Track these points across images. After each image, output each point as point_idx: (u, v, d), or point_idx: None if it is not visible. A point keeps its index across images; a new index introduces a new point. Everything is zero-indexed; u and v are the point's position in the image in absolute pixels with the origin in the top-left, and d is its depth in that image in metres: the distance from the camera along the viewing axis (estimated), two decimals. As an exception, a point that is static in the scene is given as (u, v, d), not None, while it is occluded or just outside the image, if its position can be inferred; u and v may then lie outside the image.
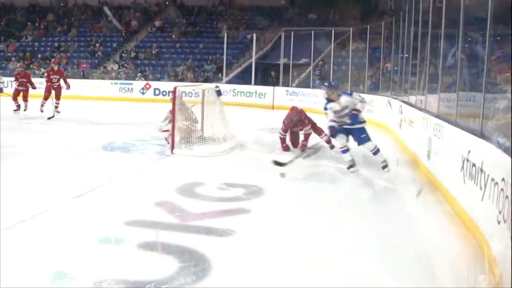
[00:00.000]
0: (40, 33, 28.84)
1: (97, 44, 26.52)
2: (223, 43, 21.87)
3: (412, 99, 10.27)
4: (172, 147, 8.67)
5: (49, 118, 13.06)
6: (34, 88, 14.61)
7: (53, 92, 13.94)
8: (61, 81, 14.12)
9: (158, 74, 23.33)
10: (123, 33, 27.33)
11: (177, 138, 8.76)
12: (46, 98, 13.96)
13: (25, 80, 14.64)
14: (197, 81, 21.00)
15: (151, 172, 7.50)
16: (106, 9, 27.20)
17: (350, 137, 7.68)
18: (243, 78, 21.43)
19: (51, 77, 14.07)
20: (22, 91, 14.55)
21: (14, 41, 28.22)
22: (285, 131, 9.46)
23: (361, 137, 7.59)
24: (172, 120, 8.83)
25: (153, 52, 25.15)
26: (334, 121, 7.71)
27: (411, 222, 5.43)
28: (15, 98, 14.62)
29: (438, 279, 3.94)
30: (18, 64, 15.69)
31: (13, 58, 26.06)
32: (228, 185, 6.54)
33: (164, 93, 19.47)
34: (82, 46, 27.00)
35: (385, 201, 6.31)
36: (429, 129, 7.23)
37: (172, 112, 8.85)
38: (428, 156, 7.16)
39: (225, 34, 22.05)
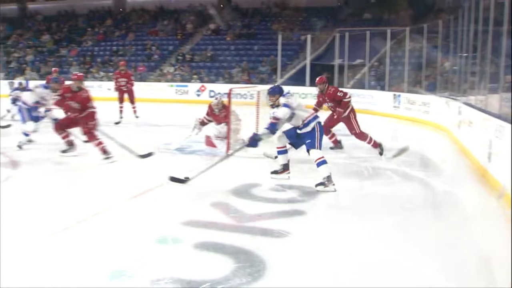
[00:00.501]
0: (100, 38, 29.69)
1: (154, 48, 27.05)
2: (277, 45, 21.86)
3: (472, 99, 9.97)
4: (227, 149, 8.73)
5: (116, 123, 13.14)
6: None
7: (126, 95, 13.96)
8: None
9: (213, 76, 23.57)
10: (179, 36, 27.76)
11: (232, 140, 8.84)
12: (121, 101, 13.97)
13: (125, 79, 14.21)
14: (251, 83, 21.09)
15: (206, 173, 7.57)
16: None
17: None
18: (297, 80, 21.34)
19: (119, 79, 14.12)
20: None
21: (75, 46, 29.17)
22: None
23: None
24: (228, 122, 8.90)
25: (208, 54, 25.43)
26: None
27: (471, 225, 5.28)
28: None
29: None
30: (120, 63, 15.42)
31: (74, 63, 26.96)
32: (283, 187, 6.55)
33: (219, 95, 19.62)
34: (139, 50, 27.61)
35: (444, 203, 6.17)
36: (490, 130, 7.00)
37: (228, 113, 8.93)
38: (489, 158, 6.94)
39: (280, 36, 22.04)
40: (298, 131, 6.74)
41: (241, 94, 13.24)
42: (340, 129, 9.68)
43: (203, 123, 9.64)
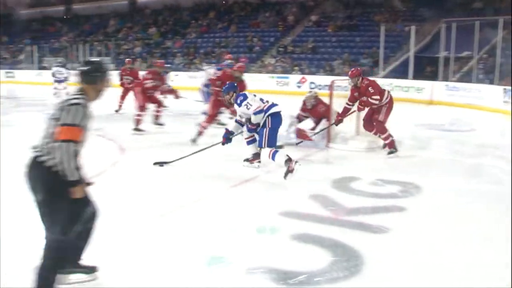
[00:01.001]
0: (203, 30, 30.50)
1: (255, 39, 27.37)
2: (379, 36, 21.35)
3: None
4: (328, 141, 8.70)
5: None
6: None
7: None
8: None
9: (314, 68, 23.48)
10: (280, 28, 27.90)
11: (333, 132, 8.79)
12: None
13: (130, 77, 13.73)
14: (352, 75, 20.78)
15: (306, 165, 7.58)
16: None
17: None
18: (400, 72, 20.78)
19: (124, 78, 13.81)
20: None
21: (180, 39, 30.17)
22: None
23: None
24: (328, 115, 8.86)
25: (309, 46, 25.35)
26: (239, 123, 7.18)
27: None
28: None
29: None
30: (127, 60, 15.04)
31: (178, 54, 27.91)
32: (383, 181, 6.42)
33: (319, 87, 19.52)
34: (241, 42, 28.05)
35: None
36: None
37: (330, 106, 8.87)
38: None
39: (382, 27, 21.50)
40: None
41: (342, 86, 13.04)
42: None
43: (299, 119, 9.49)
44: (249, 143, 7.32)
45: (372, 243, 4.39)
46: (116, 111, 13.74)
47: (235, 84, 7.37)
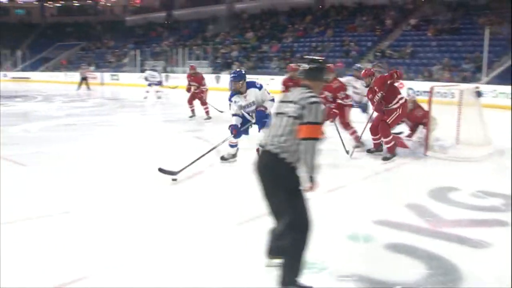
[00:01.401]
0: (299, 34, 30.62)
1: (352, 44, 27.09)
2: (483, 40, 20.41)
3: None
4: (426, 149, 8.45)
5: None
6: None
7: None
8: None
9: (412, 73, 22.85)
10: (378, 32, 27.45)
11: (432, 141, 8.54)
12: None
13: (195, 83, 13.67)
14: (453, 81, 20.02)
15: (403, 173, 7.41)
16: None
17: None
18: (505, 79, 19.74)
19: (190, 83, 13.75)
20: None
21: (276, 43, 30.46)
22: None
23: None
24: (427, 123, 8.61)
25: (408, 50, 24.73)
26: (237, 115, 7.54)
27: None
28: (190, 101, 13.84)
29: None
30: (191, 66, 14.77)
31: (274, 58, 28.18)
32: (485, 193, 6.14)
33: (418, 93, 18.97)
34: (338, 46, 27.86)
35: None
36: None
37: (429, 113, 8.62)
38: None
39: (486, 30, 20.52)
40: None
41: (441, 92, 12.65)
42: None
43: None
44: (232, 146, 7.87)
45: (471, 258, 4.22)
46: (190, 116, 13.63)
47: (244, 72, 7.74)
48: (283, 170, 3.39)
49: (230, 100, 7.61)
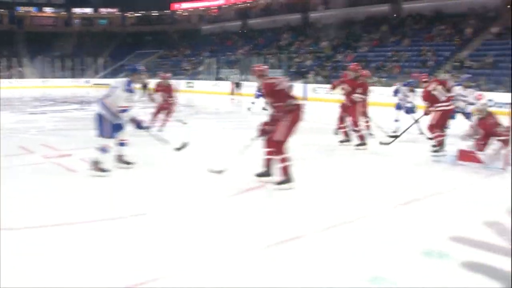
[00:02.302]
0: (375, 43, 30.24)
1: (429, 53, 26.44)
2: None
3: None
4: (505, 164, 8.11)
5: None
6: None
7: None
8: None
9: (492, 84, 21.99)
10: (457, 42, 26.67)
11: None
12: None
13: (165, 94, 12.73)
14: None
15: (482, 188, 7.12)
16: None
17: None
18: None
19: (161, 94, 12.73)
20: None
21: (351, 52, 30.20)
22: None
23: None
24: (498, 132, 8.27)
25: (489, 60, 23.84)
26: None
27: None
28: None
29: None
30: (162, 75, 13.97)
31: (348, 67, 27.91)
32: None
33: (499, 105, 18.22)
34: (414, 56, 27.27)
35: None
36: None
37: (510, 126, 8.27)
38: None
39: None
40: None
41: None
42: None
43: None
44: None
45: (553, 281, 4.00)
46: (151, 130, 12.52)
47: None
48: None
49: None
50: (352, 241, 4.78)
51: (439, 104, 9.55)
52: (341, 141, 10.49)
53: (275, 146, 6.55)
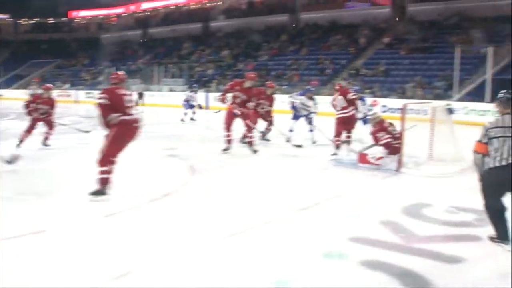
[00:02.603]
0: (274, 52, 30.85)
1: (327, 62, 27.36)
2: (454, 59, 20.76)
3: None
4: (399, 166, 8.52)
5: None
6: None
7: None
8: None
9: (386, 91, 23.14)
10: (352, 51, 27.80)
11: (405, 157, 8.61)
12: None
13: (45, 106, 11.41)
14: (426, 99, 20.31)
15: (377, 190, 7.44)
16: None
17: None
18: (476, 95, 20.10)
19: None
20: None
21: (252, 61, 30.61)
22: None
23: None
24: (401, 139, 8.68)
25: (381, 68, 25.06)
26: None
27: None
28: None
29: None
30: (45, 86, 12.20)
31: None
32: (457, 209, 6.19)
33: (392, 110, 19.17)
34: (312, 64, 28.11)
35: None
36: None
37: (402, 130, 8.70)
38: None
39: (458, 49, 20.89)
40: None
41: (414, 109, 12.83)
42: None
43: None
44: None
45: (444, 273, 4.23)
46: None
47: None
48: None
49: None
50: (256, 246, 4.83)
51: (338, 112, 10.02)
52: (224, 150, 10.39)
53: (100, 156, 6.40)
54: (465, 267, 4.40)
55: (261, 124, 12.16)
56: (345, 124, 10.28)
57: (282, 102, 15.72)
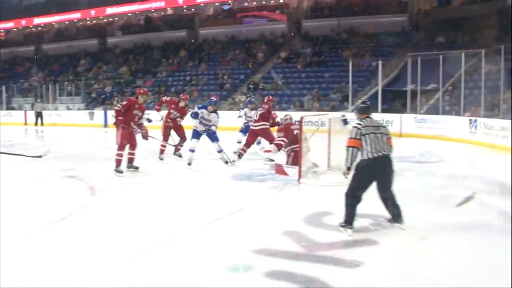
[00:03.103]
0: (173, 68, 30.65)
1: (225, 77, 27.57)
2: (348, 71, 21.70)
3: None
4: (299, 176, 8.72)
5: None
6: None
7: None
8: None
9: (284, 104, 23.65)
10: (250, 65, 28.21)
11: (304, 167, 8.82)
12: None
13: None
14: (323, 111, 21.01)
15: (278, 201, 7.57)
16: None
17: None
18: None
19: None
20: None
21: (151, 77, 30.22)
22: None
23: None
24: (300, 150, 8.90)
25: (279, 82, 25.62)
26: None
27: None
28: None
29: None
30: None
31: (149, 93, 27.76)
32: (355, 216, 6.42)
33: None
34: (212, 79, 28.22)
35: None
36: None
37: (300, 141, 8.93)
38: None
39: (350, 62, 21.87)
40: None
41: (312, 121, 13.25)
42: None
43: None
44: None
45: (345, 278, 4.38)
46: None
47: None
48: (391, 162, 5.94)
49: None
50: (159, 266, 4.74)
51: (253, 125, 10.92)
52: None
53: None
54: (364, 271, 4.57)
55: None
56: (257, 135, 10.95)
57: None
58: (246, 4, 34.56)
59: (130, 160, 9.89)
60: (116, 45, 36.34)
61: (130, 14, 37.77)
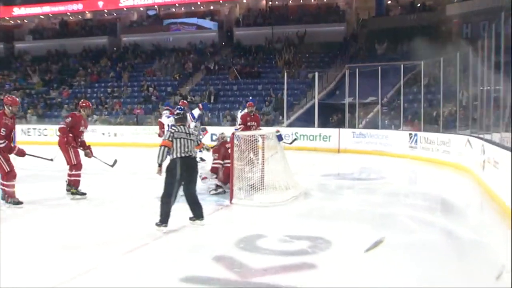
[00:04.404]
0: (93, 78, 30.07)
1: (151, 89, 27.25)
2: (283, 83, 21.92)
3: (496, 136, 9.90)
4: (231, 197, 8.69)
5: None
6: None
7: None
8: None
9: (215, 118, 23.62)
10: (178, 77, 28.06)
11: (235, 187, 8.80)
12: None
13: None
14: (256, 125, 21.12)
15: (209, 224, 7.50)
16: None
17: None
18: (305, 120, 21.36)
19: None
20: None
21: (67, 88, 29.50)
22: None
23: None
24: (231, 168, 8.85)
25: (210, 94, 25.56)
26: None
27: (504, 279, 5.15)
28: None
29: None
30: None
31: (65, 106, 27.08)
32: (291, 238, 6.47)
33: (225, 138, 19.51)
34: (136, 91, 27.85)
35: (471, 255, 6.07)
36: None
37: (231, 159, 8.88)
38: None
39: (285, 74, 22.08)
40: None
41: (243, 137, 13.27)
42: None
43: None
44: None
45: (282, 306, 4.38)
46: None
47: None
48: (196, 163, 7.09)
49: None
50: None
51: None
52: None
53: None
54: (301, 296, 4.59)
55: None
56: None
57: (102, 134, 15.39)
58: (174, 10, 34.52)
59: (75, 183, 9.48)
60: (26, 51, 35.26)
61: (42, 17, 36.87)
